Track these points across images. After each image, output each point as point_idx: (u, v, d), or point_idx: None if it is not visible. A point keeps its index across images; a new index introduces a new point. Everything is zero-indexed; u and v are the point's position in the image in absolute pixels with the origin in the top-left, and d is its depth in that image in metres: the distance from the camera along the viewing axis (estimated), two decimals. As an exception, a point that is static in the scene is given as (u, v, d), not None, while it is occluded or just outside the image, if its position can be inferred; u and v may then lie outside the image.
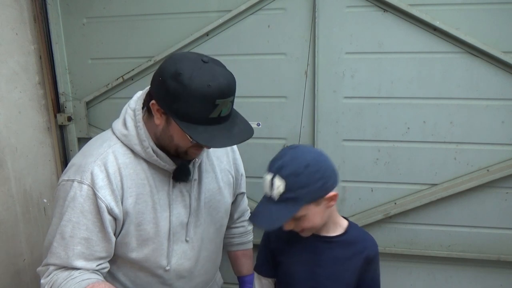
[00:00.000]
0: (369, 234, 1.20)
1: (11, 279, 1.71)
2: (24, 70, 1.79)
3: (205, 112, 0.95)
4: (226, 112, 0.98)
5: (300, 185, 0.99)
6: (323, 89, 1.72)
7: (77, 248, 1.00)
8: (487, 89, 1.61)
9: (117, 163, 1.04)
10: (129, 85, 1.89)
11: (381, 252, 1.79)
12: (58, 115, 1.93)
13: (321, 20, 1.67)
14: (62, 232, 1.00)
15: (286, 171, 0.98)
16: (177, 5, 1.78)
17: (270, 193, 1.01)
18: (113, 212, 1.02)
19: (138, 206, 1.06)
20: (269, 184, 1.00)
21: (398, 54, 1.65)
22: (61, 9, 1.88)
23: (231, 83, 0.99)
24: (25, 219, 1.78)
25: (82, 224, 1.00)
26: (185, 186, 1.13)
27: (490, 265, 1.74)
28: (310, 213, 1.04)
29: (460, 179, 1.68)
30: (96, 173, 1.01)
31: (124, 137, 1.06)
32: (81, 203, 1.00)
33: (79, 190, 1.00)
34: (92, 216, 1.01)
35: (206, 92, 0.93)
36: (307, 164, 1.00)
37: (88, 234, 1.01)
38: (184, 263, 1.16)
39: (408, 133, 1.70)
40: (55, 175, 1.98)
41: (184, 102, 0.94)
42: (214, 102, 0.94)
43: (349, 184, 1.78)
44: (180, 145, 1.04)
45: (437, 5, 1.58)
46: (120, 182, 1.03)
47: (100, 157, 1.03)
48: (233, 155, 1.33)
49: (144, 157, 1.06)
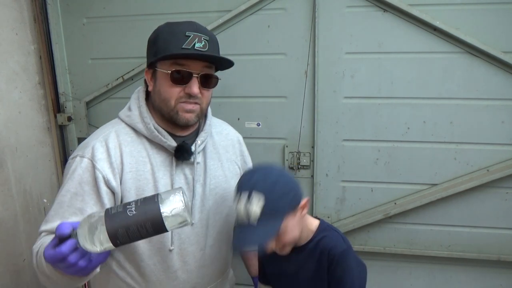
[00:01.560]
0: (336, 233, 1.15)
1: (11, 279, 1.71)
2: (24, 70, 1.79)
3: (178, 43, 1.02)
4: (201, 47, 1.03)
5: (277, 196, 1.00)
6: (323, 89, 1.72)
7: (71, 218, 1.01)
8: (487, 89, 1.61)
9: (118, 140, 1.09)
10: (129, 85, 1.90)
11: (381, 252, 1.81)
12: (58, 115, 1.94)
13: (321, 20, 1.67)
14: (60, 201, 1.05)
15: (261, 186, 0.99)
16: (177, 5, 1.78)
17: (246, 218, 0.99)
18: (110, 184, 1.05)
19: (139, 182, 1.08)
20: (244, 208, 0.99)
21: (398, 54, 1.65)
22: (61, 9, 1.88)
23: (205, 28, 1.09)
24: (25, 219, 1.78)
25: (79, 195, 1.03)
26: (189, 169, 1.14)
27: (490, 265, 1.74)
28: (289, 225, 1.03)
29: (460, 179, 1.68)
30: (96, 147, 1.06)
31: (127, 118, 1.13)
32: (80, 174, 1.04)
33: (80, 163, 1.05)
34: (89, 187, 1.04)
35: (176, 27, 1.05)
36: (276, 179, 1.02)
37: (83, 205, 1.03)
38: (188, 248, 1.15)
39: (408, 133, 1.70)
40: (55, 175, 1.98)
41: (159, 41, 1.05)
42: (185, 34, 1.02)
43: (349, 184, 1.78)
44: (167, 98, 1.07)
45: (437, 5, 1.58)
46: (120, 157, 1.07)
47: (102, 135, 1.10)
48: (240, 147, 1.34)
49: (146, 135, 1.10)
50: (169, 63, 1.05)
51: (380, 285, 1.86)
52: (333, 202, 1.81)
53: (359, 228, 1.80)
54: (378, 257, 1.83)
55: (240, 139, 1.34)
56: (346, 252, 1.09)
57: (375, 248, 1.81)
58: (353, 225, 1.79)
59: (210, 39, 1.06)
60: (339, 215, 1.83)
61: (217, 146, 1.23)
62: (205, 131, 1.17)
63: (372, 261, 1.81)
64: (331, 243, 1.11)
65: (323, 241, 1.12)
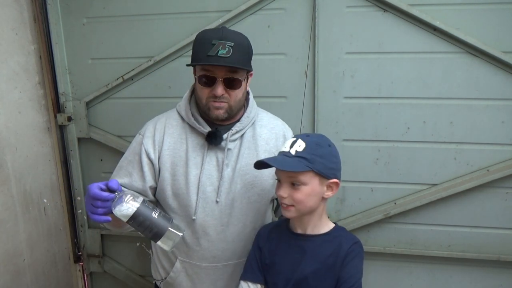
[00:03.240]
0: (353, 235, 1.23)
1: (11, 279, 1.71)
2: (24, 70, 1.79)
3: (205, 51, 1.19)
4: (224, 54, 1.18)
5: (318, 153, 1.09)
6: (323, 89, 1.72)
7: (123, 179, 1.33)
8: (487, 89, 1.61)
9: (165, 123, 1.35)
10: (129, 85, 1.90)
11: (381, 252, 1.82)
12: (58, 115, 1.94)
13: (321, 20, 1.67)
14: (120, 165, 1.37)
15: (311, 139, 1.12)
16: (177, 5, 1.78)
17: (288, 149, 1.11)
18: (150, 157, 1.31)
19: (174, 159, 1.31)
20: (291, 142, 1.12)
21: (398, 54, 1.65)
22: (61, 9, 1.88)
23: (234, 33, 1.25)
24: (25, 219, 1.79)
25: (131, 162, 1.34)
26: (221, 153, 1.31)
27: (490, 265, 1.74)
28: (310, 185, 1.10)
29: (460, 179, 1.68)
30: (149, 127, 1.36)
31: (178, 106, 1.38)
32: (134, 146, 1.36)
33: (137, 138, 1.37)
34: (137, 157, 1.33)
35: (206, 34, 1.24)
36: (330, 145, 1.15)
37: (132, 170, 1.33)
38: (209, 221, 1.32)
39: (408, 133, 1.70)
40: (55, 175, 1.98)
41: (194, 47, 1.26)
42: (211, 42, 1.19)
43: (349, 184, 1.78)
44: (200, 97, 1.28)
45: (437, 5, 1.58)
46: (162, 137, 1.33)
47: (157, 118, 1.39)
48: (284, 141, 1.37)
49: (187, 120, 1.33)
50: (199, 68, 1.25)
51: (380, 285, 1.86)
52: (333, 202, 1.81)
53: (359, 228, 1.80)
54: (378, 257, 1.83)
55: (287, 134, 1.44)
56: (362, 250, 1.19)
57: (375, 248, 1.81)
58: (353, 225, 1.79)
59: (235, 44, 1.20)
60: (339, 215, 1.83)
61: (257, 137, 1.36)
62: (241, 122, 1.33)
63: (372, 261, 1.81)
64: (355, 238, 1.20)
65: (345, 234, 1.21)
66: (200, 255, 1.35)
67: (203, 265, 1.36)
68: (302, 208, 1.13)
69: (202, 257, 1.35)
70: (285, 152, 1.12)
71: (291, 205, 1.13)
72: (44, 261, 1.91)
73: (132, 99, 1.91)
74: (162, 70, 1.85)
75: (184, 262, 1.38)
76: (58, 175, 1.99)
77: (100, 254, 2.11)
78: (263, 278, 1.23)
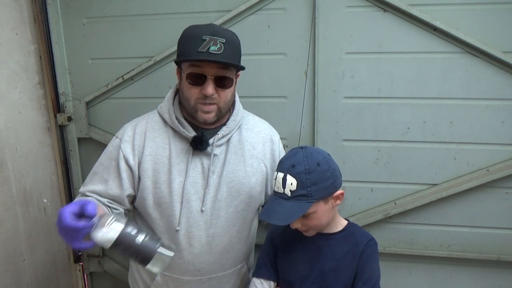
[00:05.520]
0: (366, 231, 1.24)
1: (11, 279, 1.71)
2: (24, 70, 1.79)
3: (194, 46, 1.11)
4: (215, 50, 1.10)
5: (312, 182, 1.05)
6: (323, 89, 1.72)
7: (98, 186, 1.24)
8: (487, 89, 1.61)
9: (146, 126, 1.25)
10: (129, 85, 1.90)
11: (381, 252, 1.79)
12: (58, 115, 1.93)
13: (321, 20, 1.67)
14: (94, 170, 1.28)
15: (298, 169, 1.05)
16: (177, 5, 1.78)
17: (282, 190, 1.06)
18: (129, 163, 1.22)
19: (156, 165, 1.22)
20: (281, 181, 1.06)
21: (398, 54, 1.65)
22: (61, 9, 1.88)
23: (224, 30, 1.17)
24: (25, 219, 1.79)
25: (107, 168, 1.24)
26: (206, 159, 1.23)
27: (490, 265, 1.74)
28: (318, 211, 1.09)
29: (460, 179, 1.68)
30: (127, 131, 1.26)
31: (159, 108, 1.29)
32: (111, 151, 1.26)
33: (113, 141, 1.27)
34: (114, 163, 1.23)
35: (195, 30, 1.15)
36: (318, 163, 1.07)
37: (108, 176, 1.23)
38: (194, 232, 1.23)
39: (408, 133, 1.70)
40: (55, 175, 1.98)
41: (181, 44, 1.17)
42: (201, 37, 1.10)
43: (349, 184, 1.77)
44: (188, 98, 1.18)
45: (437, 5, 1.58)
46: (143, 142, 1.23)
47: (136, 121, 1.30)
48: (271, 145, 1.36)
49: (170, 124, 1.24)
50: (188, 65, 1.16)
51: (380, 285, 1.85)
52: (333, 202, 1.81)
53: (359, 228, 1.80)
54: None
55: (274, 138, 1.38)
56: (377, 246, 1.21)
57: (375, 248, 1.81)
58: (353, 225, 1.79)
59: (227, 41, 1.12)
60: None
61: (243, 141, 1.29)
62: (228, 126, 1.25)
63: (372, 261, 1.81)
64: (367, 237, 1.20)
65: (359, 231, 1.22)
66: (183, 268, 1.26)
67: (186, 279, 1.27)
68: (319, 227, 1.15)
69: (185, 270, 1.26)
70: (280, 194, 1.08)
71: (308, 229, 1.15)
72: (44, 261, 1.91)
73: (132, 99, 1.91)
74: (162, 70, 1.84)
75: (165, 276, 1.29)
76: (58, 175, 1.99)
77: (100, 254, 2.11)
78: (276, 275, 1.24)
